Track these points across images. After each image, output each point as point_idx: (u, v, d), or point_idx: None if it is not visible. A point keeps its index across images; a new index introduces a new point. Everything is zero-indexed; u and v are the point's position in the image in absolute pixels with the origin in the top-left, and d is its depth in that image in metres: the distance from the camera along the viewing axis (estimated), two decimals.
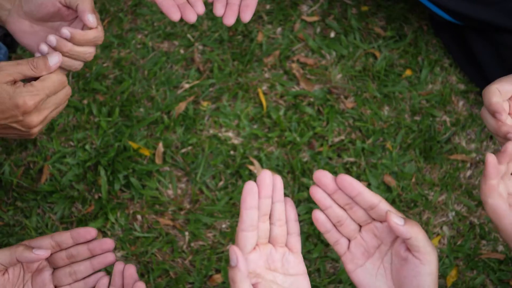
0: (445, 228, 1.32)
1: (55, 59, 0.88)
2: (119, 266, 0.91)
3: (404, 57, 1.46)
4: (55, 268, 0.92)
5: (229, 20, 0.98)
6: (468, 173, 1.37)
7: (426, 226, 1.32)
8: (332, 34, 1.48)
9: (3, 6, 0.94)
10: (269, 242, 0.84)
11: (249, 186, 0.80)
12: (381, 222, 0.83)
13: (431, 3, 1.33)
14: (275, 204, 0.83)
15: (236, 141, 1.37)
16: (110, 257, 0.92)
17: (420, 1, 1.34)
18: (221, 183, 1.34)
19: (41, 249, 0.87)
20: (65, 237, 0.90)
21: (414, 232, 0.78)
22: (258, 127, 1.39)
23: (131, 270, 0.91)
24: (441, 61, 1.47)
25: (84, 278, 0.92)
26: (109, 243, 0.91)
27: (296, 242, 0.85)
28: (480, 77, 1.43)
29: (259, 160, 1.35)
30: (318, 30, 1.49)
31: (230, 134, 1.38)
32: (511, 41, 1.34)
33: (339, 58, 1.46)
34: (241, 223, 0.81)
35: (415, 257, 0.79)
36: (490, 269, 1.28)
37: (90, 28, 0.91)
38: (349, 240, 0.84)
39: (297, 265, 0.84)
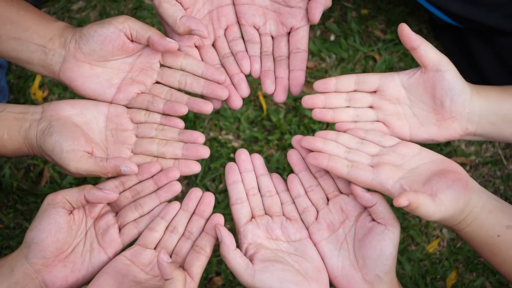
0: (444, 230, 1.32)
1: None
2: (196, 192, 0.88)
3: (403, 60, 1.47)
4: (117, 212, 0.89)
5: (281, 98, 0.91)
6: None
7: (426, 229, 1.32)
8: (332, 37, 1.48)
9: (56, 51, 0.88)
10: (266, 214, 0.88)
11: (228, 165, 0.88)
12: (347, 195, 0.88)
13: (431, 5, 1.33)
14: (259, 177, 0.89)
15: (236, 144, 1.38)
16: (176, 186, 0.88)
17: (420, 3, 1.34)
18: (221, 186, 1.34)
19: (109, 190, 0.84)
20: (129, 175, 0.88)
21: (378, 199, 0.83)
22: (258, 130, 1.39)
23: (211, 198, 0.88)
24: None
25: (149, 212, 0.88)
26: (175, 170, 0.88)
27: (291, 210, 0.89)
28: (480, 80, 1.44)
29: None
30: (318, 33, 1.49)
31: (230, 137, 1.39)
32: (508, 44, 1.34)
33: (339, 61, 1.46)
34: (230, 199, 0.87)
35: (381, 223, 0.83)
36: (490, 272, 1.28)
37: (173, 51, 0.87)
38: (317, 212, 0.88)
39: (298, 230, 0.87)
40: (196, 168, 0.88)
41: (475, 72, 1.44)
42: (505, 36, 1.34)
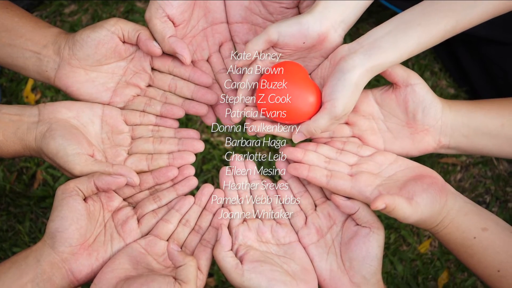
0: None
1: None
2: (208, 187, 0.90)
3: None
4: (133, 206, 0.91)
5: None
6: (459, 176, 1.38)
7: (417, 229, 1.33)
8: None
9: (51, 58, 0.88)
10: (257, 217, 0.90)
11: (223, 170, 0.91)
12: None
13: None
14: (252, 182, 0.92)
15: (228, 146, 1.38)
16: (192, 181, 0.90)
17: None
18: None
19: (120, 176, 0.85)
20: (146, 176, 0.89)
21: (359, 204, 0.85)
22: None
23: (221, 195, 0.90)
24: (431, 65, 1.49)
25: (167, 204, 0.90)
26: (190, 168, 0.90)
27: (281, 214, 0.91)
28: (468, 86, 1.45)
29: None
30: None
31: (222, 139, 1.39)
32: (492, 53, 1.36)
33: None
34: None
35: (365, 227, 0.84)
36: None
37: (155, 55, 0.88)
38: (306, 217, 0.90)
39: (288, 234, 0.89)
40: (190, 158, 0.90)
41: (463, 78, 1.46)
42: (488, 45, 1.36)
